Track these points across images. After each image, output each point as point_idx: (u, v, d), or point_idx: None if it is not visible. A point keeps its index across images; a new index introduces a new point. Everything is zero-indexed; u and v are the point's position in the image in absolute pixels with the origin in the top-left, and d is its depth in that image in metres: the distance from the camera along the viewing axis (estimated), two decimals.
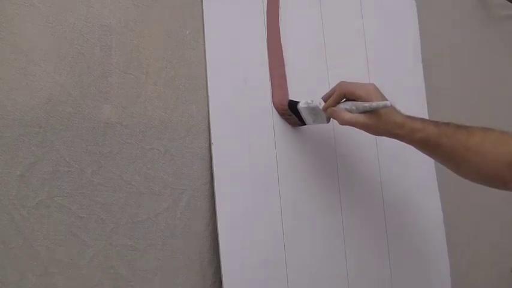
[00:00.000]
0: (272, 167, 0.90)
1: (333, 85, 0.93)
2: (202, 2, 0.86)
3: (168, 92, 0.81)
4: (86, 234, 0.72)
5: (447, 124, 0.84)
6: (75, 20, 0.73)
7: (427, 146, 0.84)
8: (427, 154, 0.87)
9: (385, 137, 0.87)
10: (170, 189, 0.80)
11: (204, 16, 0.86)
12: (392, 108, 0.84)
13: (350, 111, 0.84)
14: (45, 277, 0.68)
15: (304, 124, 0.92)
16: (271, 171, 0.90)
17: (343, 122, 0.85)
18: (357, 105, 0.84)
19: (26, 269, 0.67)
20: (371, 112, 0.83)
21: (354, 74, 1.04)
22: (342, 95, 0.86)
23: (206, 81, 0.85)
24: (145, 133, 0.78)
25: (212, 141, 0.84)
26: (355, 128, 0.86)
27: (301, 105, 0.89)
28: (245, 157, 0.87)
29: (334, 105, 0.86)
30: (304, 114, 0.90)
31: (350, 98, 0.85)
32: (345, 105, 0.85)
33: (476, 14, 1.35)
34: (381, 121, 0.83)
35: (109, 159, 0.74)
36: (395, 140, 0.85)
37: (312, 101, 0.88)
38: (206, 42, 0.85)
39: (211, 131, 0.84)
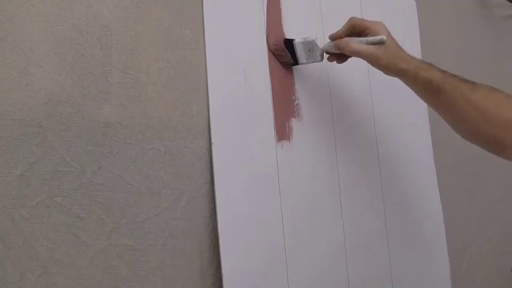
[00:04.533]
0: (272, 167, 0.90)
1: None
2: (202, 2, 0.86)
3: (168, 92, 0.81)
4: (86, 234, 0.72)
5: (454, 75, 0.82)
6: (75, 20, 0.73)
7: (429, 88, 0.82)
8: (427, 100, 0.86)
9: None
10: (170, 189, 0.80)
11: (204, 16, 0.86)
12: (400, 46, 0.86)
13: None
14: (45, 277, 0.68)
15: (297, 63, 0.93)
16: (272, 171, 0.90)
17: (351, 51, 0.87)
18: (359, 39, 0.87)
19: (26, 269, 0.67)
20: (377, 44, 0.85)
21: (354, 74, 1.04)
22: (352, 26, 0.88)
23: (206, 81, 0.85)
24: (145, 133, 0.78)
25: (212, 141, 0.84)
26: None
27: (297, 41, 0.91)
28: (245, 157, 0.87)
29: (342, 37, 0.88)
30: (299, 51, 0.91)
31: (359, 29, 0.87)
32: (350, 39, 0.88)
33: (476, 14, 1.35)
34: (388, 53, 0.84)
35: (109, 159, 0.74)
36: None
37: (309, 36, 0.90)
38: (206, 42, 0.85)
39: (211, 131, 0.84)
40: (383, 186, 1.05)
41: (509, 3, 1.39)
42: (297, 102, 0.95)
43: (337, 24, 1.02)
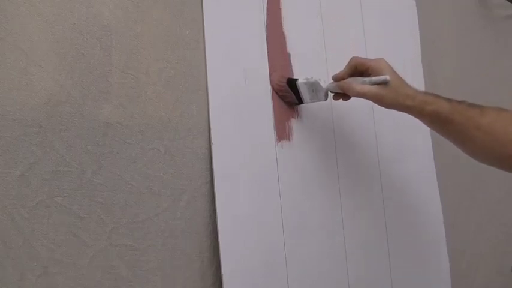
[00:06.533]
0: (272, 167, 0.90)
1: None
2: (202, 2, 0.86)
3: (168, 92, 0.81)
4: (86, 234, 0.72)
5: (460, 102, 0.83)
6: (75, 20, 0.73)
7: (437, 120, 0.83)
8: (437, 130, 0.87)
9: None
10: (170, 189, 0.80)
11: (204, 16, 0.86)
12: (403, 81, 0.85)
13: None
14: (45, 277, 0.68)
15: (301, 103, 0.93)
16: (272, 171, 0.90)
17: (355, 93, 0.86)
18: (363, 80, 0.86)
19: (26, 269, 0.67)
20: (381, 84, 0.84)
21: None
22: (354, 66, 0.87)
23: (206, 81, 0.85)
24: (145, 133, 0.78)
25: (212, 141, 0.84)
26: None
27: (300, 81, 0.90)
28: (245, 157, 0.87)
29: (345, 78, 0.88)
30: (303, 91, 0.91)
31: (361, 69, 0.87)
32: (353, 80, 0.87)
33: (476, 14, 1.35)
34: (392, 92, 0.84)
35: (109, 159, 0.74)
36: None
37: (312, 77, 0.89)
38: (206, 42, 0.85)
39: (211, 131, 0.84)
40: (383, 186, 1.05)
41: (509, 3, 1.39)
42: None
43: (337, 25, 1.02)
